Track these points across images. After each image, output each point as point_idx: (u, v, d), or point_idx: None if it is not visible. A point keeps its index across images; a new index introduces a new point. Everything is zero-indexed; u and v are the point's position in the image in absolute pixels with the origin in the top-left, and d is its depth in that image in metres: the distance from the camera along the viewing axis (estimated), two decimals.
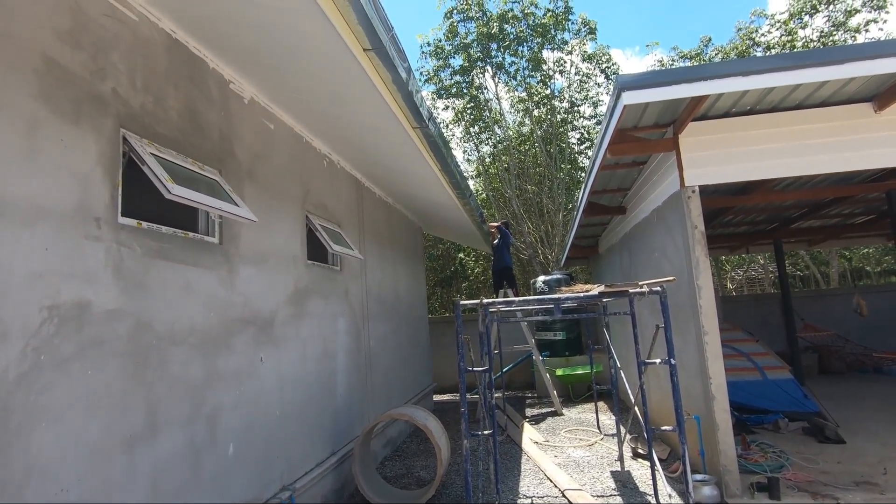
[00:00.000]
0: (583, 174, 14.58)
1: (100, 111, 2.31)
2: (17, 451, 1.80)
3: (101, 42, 2.35)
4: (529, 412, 8.28)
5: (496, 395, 8.26)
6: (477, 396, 8.18)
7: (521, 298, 4.09)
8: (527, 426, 7.04)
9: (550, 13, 14.48)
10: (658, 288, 3.69)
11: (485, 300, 3.94)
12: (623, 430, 5.35)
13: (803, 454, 4.94)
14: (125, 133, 2.45)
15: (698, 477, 4.02)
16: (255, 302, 3.46)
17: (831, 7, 15.41)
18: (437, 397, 10.21)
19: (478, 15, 14.52)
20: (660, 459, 4.91)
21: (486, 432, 4.10)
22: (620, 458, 5.08)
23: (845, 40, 15.08)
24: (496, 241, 9.08)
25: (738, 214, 8.27)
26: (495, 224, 9.21)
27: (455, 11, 14.71)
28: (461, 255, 16.98)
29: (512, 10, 14.53)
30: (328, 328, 4.70)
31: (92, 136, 2.25)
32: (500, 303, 4.08)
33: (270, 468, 3.47)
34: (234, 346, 3.17)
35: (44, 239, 1.97)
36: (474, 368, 4.11)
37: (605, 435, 6.37)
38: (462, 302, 3.91)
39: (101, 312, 2.20)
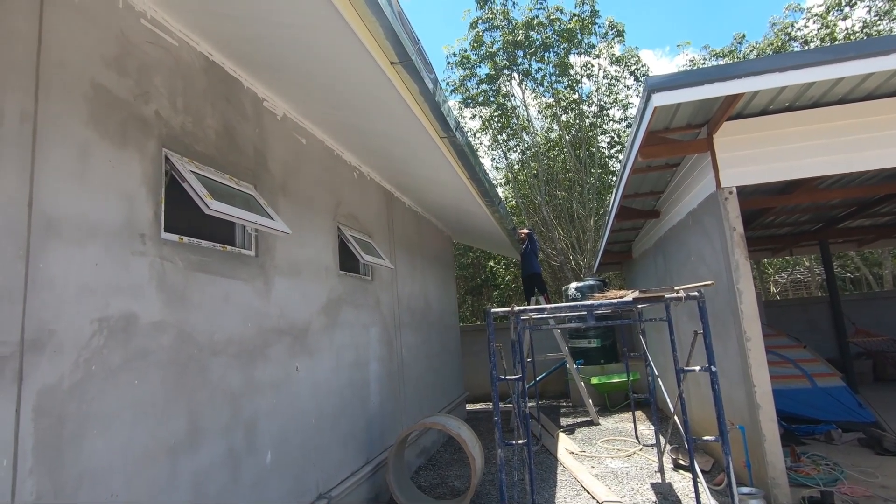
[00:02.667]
0: (614, 178, 14.33)
1: (144, 133, 2.43)
2: (71, 457, 1.89)
3: (144, 67, 2.48)
4: (564, 422, 8.13)
5: (530, 404, 8.15)
6: (510, 405, 8.09)
7: (552, 305, 4.04)
8: (562, 436, 6.91)
9: (576, 18, 14.39)
10: (695, 293, 3.58)
11: (516, 308, 3.91)
12: (663, 440, 5.18)
13: (860, 467, 4.66)
14: (167, 152, 2.57)
15: (745, 490, 3.85)
16: (289, 312, 3.54)
17: None
18: (469, 406, 10.15)
19: (503, 23, 14.57)
20: (702, 471, 4.74)
21: (520, 442, 4.04)
22: (661, 470, 4.91)
23: (891, 30, 14.37)
24: (524, 245, 9.03)
25: (779, 215, 7.95)
26: (525, 231, 9.17)
27: (480, 21, 14.81)
28: (491, 263, 16.92)
29: (537, 17, 14.52)
30: (361, 337, 4.76)
31: (137, 156, 2.37)
32: (531, 310, 4.04)
33: (307, 476, 3.52)
34: (270, 356, 3.25)
35: (94, 255, 2.08)
36: (507, 377, 4.08)
37: (644, 445, 6.18)
38: (493, 310, 3.89)
39: (146, 324, 2.30)
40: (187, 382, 2.52)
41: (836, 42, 14.61)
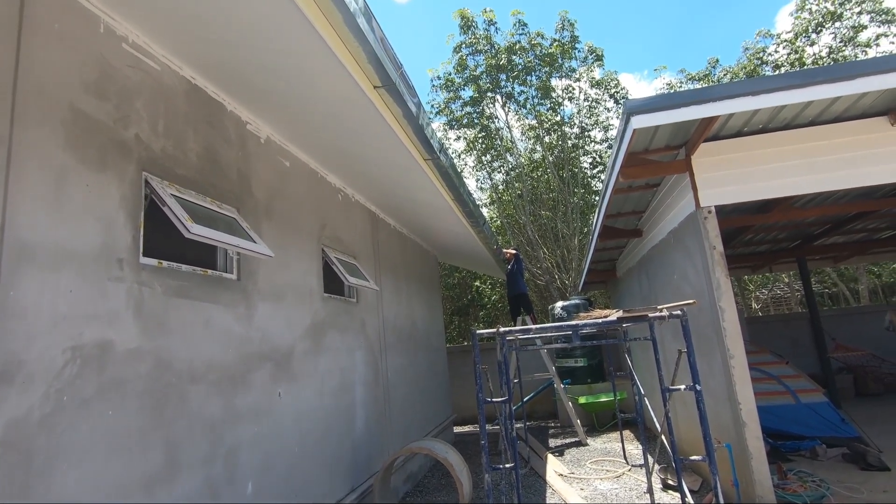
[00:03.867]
0: (597, 198, 14.55)
1: (123, 157, 2.40)
2: (38, 492, 1.81)
3: (125, 91, 2.47)
4: (553, 443, 8.05)
5: (518, 425, 8.06)
6: (498, 427, 8.01)
7: (538, 326, 4.04)
8: (550, 458, 6.84)
9: (557, 43, 14.78)
10: (678, 312, 3.61)
11: (501, 328, 3.90)
12: (651, 459, 5.15)
13: (845, 483, 4.68)
14: (147, 176, 2.54)
15: None
16: (272, 337, 3.48)
17: (838, 24, 15.45)
18: (457, 429, 10.01)
19: (486, 48, 14.89)
20: (691, 491, 4.71)
21: (508, 465, 3.99)
22: (650, 490, 4.87)
23: (856, 55, 15.04)
24: (510, 266, 9.05)
25: (758, 233, 8.13)
26: (511, 251, 9.20)
27: (464, 45, 15.12)
28: (477, 283, 16.92)
29: (519, 41, 14.88)
30: (345, 361, 4.69)
31: (116, 180, 2.34)
32: (517, 331, 4.03)
33: None
34: (252, 383, 3.17)
35: (69, 281, 2.03)
36: (493, 399, 4.04)
37: (633, 465, 6.14)
38: (479, 331, 3.87)
39: (122, 352, 2.24)
40: (165, 412, 2.44)
41: (805, 67, 15.22)
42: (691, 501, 3.97)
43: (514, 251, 9.21)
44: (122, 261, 2.30)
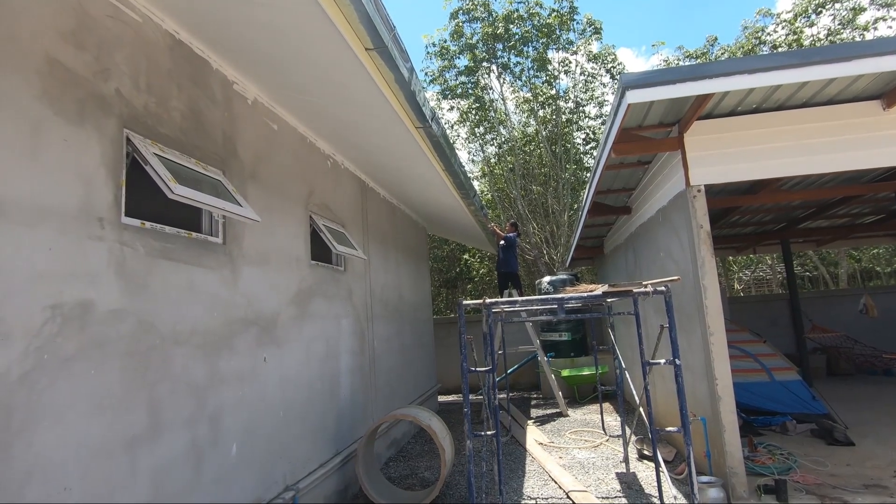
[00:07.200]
0: (588, 174, 14.52)
1: (103, 111, 2.32)
2: (19, 450, 1.81)
3: (104, 43, 2.36)
4: (534, 413, 8.25)
5: (501, 395, 8.24)
6: (481, 397, 8.17)
7: (524, 298, 4.07)
8: (531, 427, 7.02)
9: (555, 13, 14.45)
10: (662, 288, 3.66)
11: (488, 300, 3.93)
12: (628, 431, 5.31)
13: (811, 456, 4.88)
14: (129, 133, 2.46)
15: (704, 479, 3.98)
16: (258, 302, 3.47)
17: (837, 5, 15.27)
18: (441, 398, 10.19)
19: (483, 15, 14.52)
20: (665, 461, 4.88)
21: (489, 433, 4.08)
22: (626, 460, 5.04)
23: (853, 38, 14.93)
24: (501, 242, 9.04)
25: (744, 214, 8.20)
26: (509, 226, 9.16)
27: (461, 12, 14.72)
28: (466, 255, 16.97)
29: (517, 10, 14.52)
30: (332, 329, 4.70)
31: (95, 136, 2.26)
32: (503, 303, 4.06)
33: (273, 469, 3.47)
34: (236, 347, 3.17)
35: (47, 239, 1.98)
36: (477, 369, 4.09)
37: (611, 436, 6.33)
38: (465, 302, 3.89)
39: (104, 312, 2.21)
40: (148, 373, 2.43)
41: (803, 47, 15.10)
42: (665, 470, 4.11)
43: (512, 224, 9.20)
44: (102, 220, 2.24)
